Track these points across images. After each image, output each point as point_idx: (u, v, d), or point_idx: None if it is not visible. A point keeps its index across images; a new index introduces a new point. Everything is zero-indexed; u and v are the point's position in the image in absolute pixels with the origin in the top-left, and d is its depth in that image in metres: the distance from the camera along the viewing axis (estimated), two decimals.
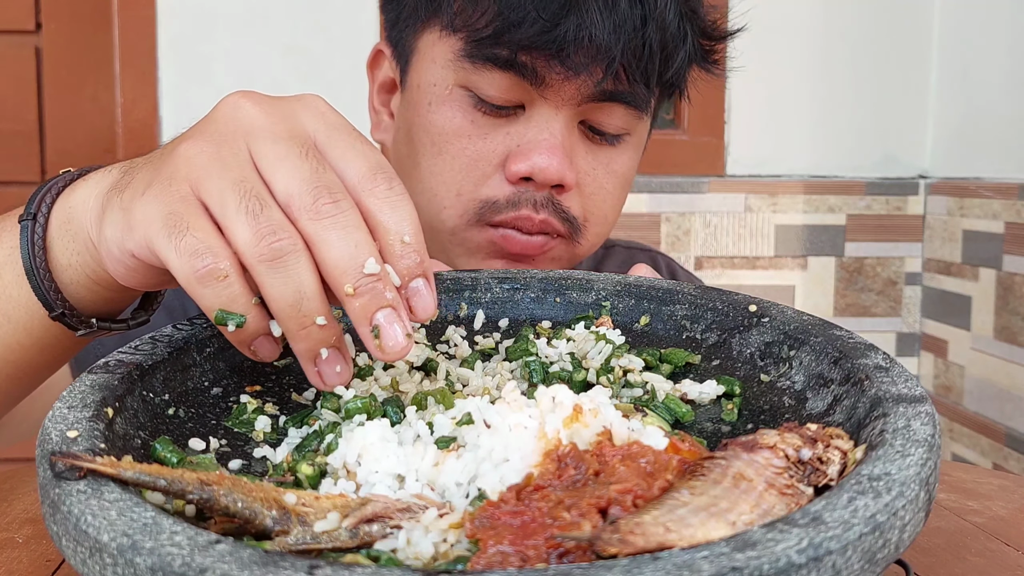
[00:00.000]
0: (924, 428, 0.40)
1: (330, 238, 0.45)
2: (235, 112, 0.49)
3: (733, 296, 0.60)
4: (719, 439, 0.50)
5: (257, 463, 0.47)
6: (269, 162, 0.47)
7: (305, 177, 0.46)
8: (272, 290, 0.45)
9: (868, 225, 2.11)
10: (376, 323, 0.46)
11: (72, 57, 1.91)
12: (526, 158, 0.78)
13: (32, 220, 0.57)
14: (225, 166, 0.47)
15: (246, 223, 0.45)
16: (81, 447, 0.39)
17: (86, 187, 0.56)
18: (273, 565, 0.30)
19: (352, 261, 0.45)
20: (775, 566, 0.30)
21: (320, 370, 0.48)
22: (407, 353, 0.46)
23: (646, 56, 0.77)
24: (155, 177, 0.48)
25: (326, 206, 0.46)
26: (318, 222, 0.45)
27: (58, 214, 0.57)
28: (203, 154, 0.47)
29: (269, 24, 1.90)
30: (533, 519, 0.36)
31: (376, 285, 0.45)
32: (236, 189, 0.46)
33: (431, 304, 0.48)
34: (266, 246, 0.45)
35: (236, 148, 0.48)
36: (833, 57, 2.08)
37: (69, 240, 0.56)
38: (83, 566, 0.34)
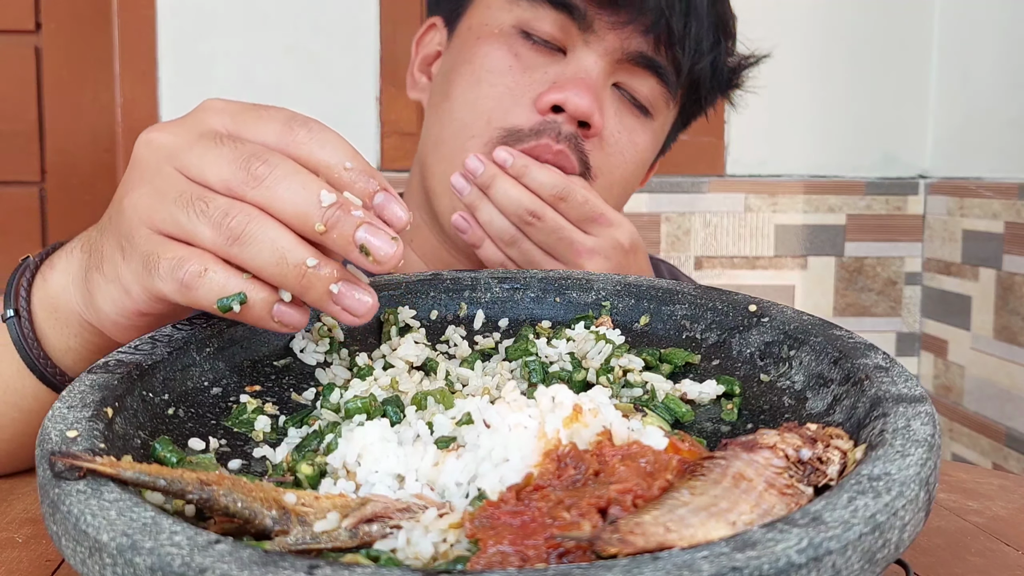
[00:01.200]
0: (924, 428, 0.40)
1: (278, 193, 0.47)
2: (148, 147, 0.52)
3: (733, 296, 0.60)
4: (719, 439, 0.50)
5: (257, 463, 0.47)
6: (195, 166, 0.49)
7: (228, 158, 0.48)
8: (254, 262, 0.47)
9: (868, 225, 2.11)
10: (360, 242, 0.47)
11: (72, 57, 1.91)
12: (560, 89, 0.82)
13: (16, 317, 0.60)
14: (163, 194, 0.49)
15: (201, 223, 0.47)
16: (81, 447, 0.39)
17: (57, 275, 0.60)
18: (273, 565, 0.30)
19: (307, 202, 0.47)
20: (775, 566, 0.30)
21: (343, 306, 0.48)
22: (401, 256, 0.47)
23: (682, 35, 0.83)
24: (119, 239, 0.52)
25: (259, 169, 0.47)
26: (260, 186, 0.47)
27: (40, 306, 0.60)
28: (143, 196, 0.50)
29: (269, 24, 1.90)
30: (533, 519, 0.36)
31: (340, 212, 0.47)
32: (180, 204, 0.48)
33: (401, 210, 0.49)
34: (225, 229, 0.47)
35: (164, 174, 0.50)
36: (833, 57, 2.08)
37: (62, 327, 0.60)
38: (83, 566, 0.34)
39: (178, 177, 0.49)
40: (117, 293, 0.53)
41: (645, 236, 2.04)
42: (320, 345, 0.58)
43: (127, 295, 0.52)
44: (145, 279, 0.49)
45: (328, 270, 0.47)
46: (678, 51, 0.85)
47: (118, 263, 0.52)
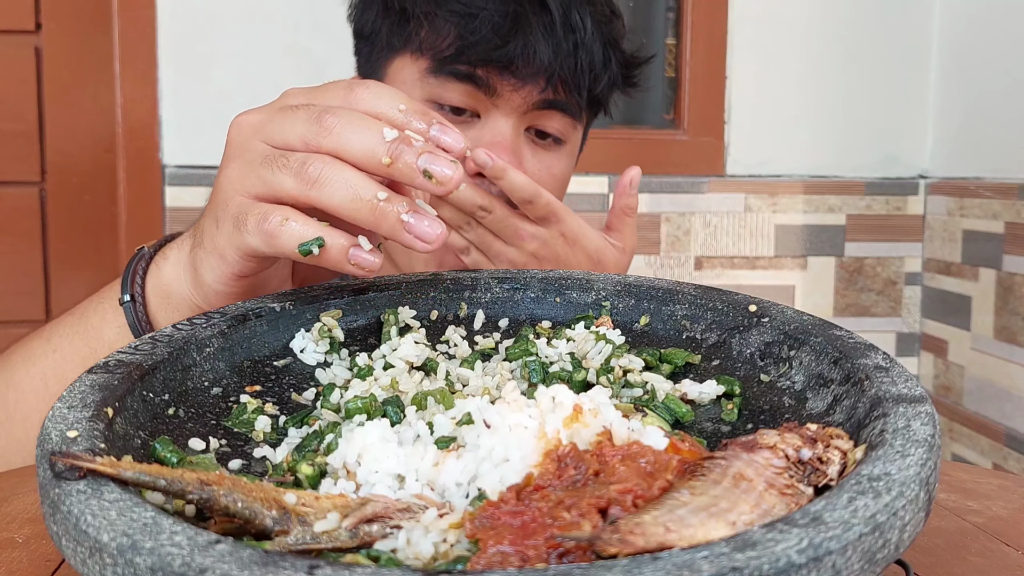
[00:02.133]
0: (924, 428, 0.40)
1: (345, 138, 0.53)
2: (238, 128, 0.59)
3: (733, 296, 0.60)
4: (719, 439, 0.50)
5: (257, 463, 0.47)
6: (277, 132, 0.56)
7: (302, 118, 0.55)
8: (331, 201, 0.53)
9: (868, 225, 2.11)
10: (423, 168, 0.52)
11: (72, 57, 1.91)
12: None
13: (132, 302, 0.67)
14: (251, 162, 0.56)
15: (283, 175, 0.54)
16: (81, 447, 0.39)
17: (169, 264, 0.67)
18: (273, 565, 0.30)
19: (372, 140, 0.53)
20: (775, 566, 0.30)
21: (416, 234, 0.53)
22: (462, 179, 0.53)
23: (578, 73, 0.93)
24: (215, 212, 0.59)
25: (328, 120, 0.54)
26: (330, 134, 0.54)
27: (154, 292, 0.67)
28: (234, 169, 0.57)
29: (269, 24, 1.90)
30: (533, 519, 0.36)
31: (402, 144, 0.53)
32: (265, 165, 0.55)
33: (457, 134, 0.55)
34: (304, 177, 0.53)
35: (251, 147, 0.57)
36: (833, 57, 2.08)
37: (172, 311, 0.66)
38: (83, 566, 0.34)
39: (263, 146, 0.57)
40: (216, 261, 0.59)
41: (645, 236, 2.04)
42: (320, 345, 0.58)
43: (223, 260, 0.58)
44: (236, 238, 0.56)
45: (398, 201, 0.53)
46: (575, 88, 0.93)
47: (214, 233, 0.58)
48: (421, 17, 0.91)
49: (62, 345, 0.73)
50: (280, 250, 0.54)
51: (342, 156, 0.53)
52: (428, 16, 0.91)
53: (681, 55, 2.07)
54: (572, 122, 0.97)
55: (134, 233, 1.87)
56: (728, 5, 2.04)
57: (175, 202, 1.87)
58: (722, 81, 2.06)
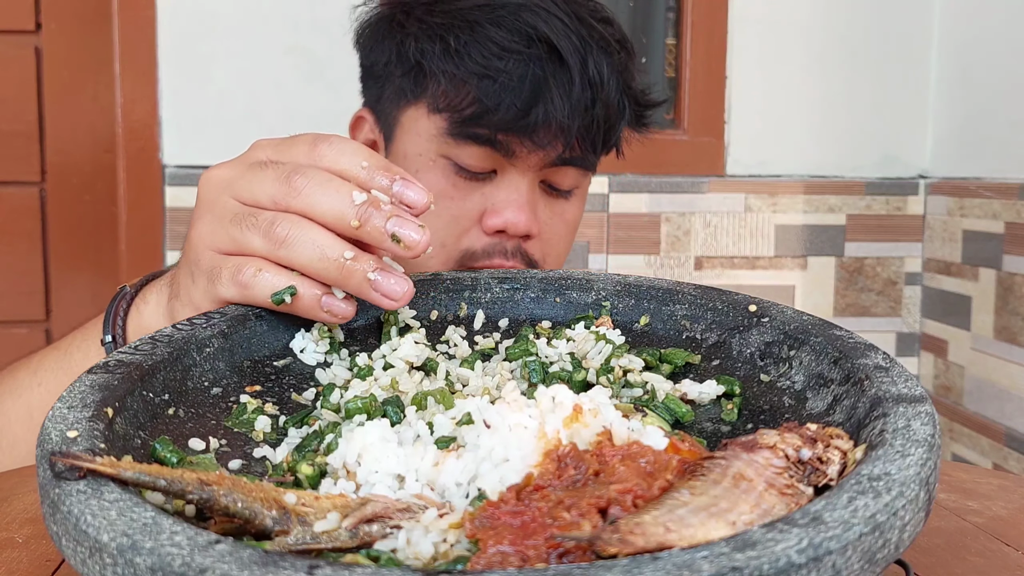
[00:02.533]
0: (924, 428, 0.40)
1: (315, 199, 0.54)
2: (208, 183, 0.61)
3: (733, 296, 0.60)
4: (719, 439, 0.50)
5: (257, 463, 0.47)
6: (246, 190, 0.58)
7: (272, 177, 0.56)
8: (299, 260, 0.54)
9: (868, 225, 2.11)
10: (391, 231, 0.53)
11: (72, 57, 1.91)
12: (500, 215, 0.91)
13: (113, 342, 0.69)
14: (221, 219, 0.58)
15: (253, 234, 0.56)
16: (81, 447, 0.39)
17: (149, 308, 0.69)
18: (273, 565, 0.30)
19: (341, 203, 0.54)
20: (775, 566, 0.30)
21: (382, 292, 0.54)
22: (428, 242, 0.54)
23: (595, 129, 0.92)
24: (189, 267, 0.61)
25: (298, 181, 0.55)
26: (299, 195, 0.55)
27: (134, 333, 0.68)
28: (205, 225, 0.59)
29: (269, 24, 1.90)
30: (533, 519, 0.36)
31: (371, 208, 0.54)
32: (235, 223, 0.57)
33: (419, 192, 0.56)
34: (271, 237, 0.55)
35: (221, 203, 0.59)
36: (833, 57, 2.08)
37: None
38: (83, 566, 0.34)
39: (233, 203, 0.58)
40: (192, 313, 0.60)
41: (645, 236, 2.04)
42: (320, 345, 0.58)
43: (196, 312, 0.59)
44: (211, 290, 0.58)
45: (365, 260, 0.54)
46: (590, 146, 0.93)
47: (189, 287, 0.61)
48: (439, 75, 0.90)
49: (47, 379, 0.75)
50: (253, 300, 0.56)
51: (311, 217, 0.55)
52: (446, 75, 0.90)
53: (681, 55, 2.07)
54: (585, 173, 0.98)
55: (134, 233, 1.86)
56: (728, 5, 2.04)
57: (175, 202, 1.87)
58: (722, 81, 2.06)
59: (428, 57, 0.91)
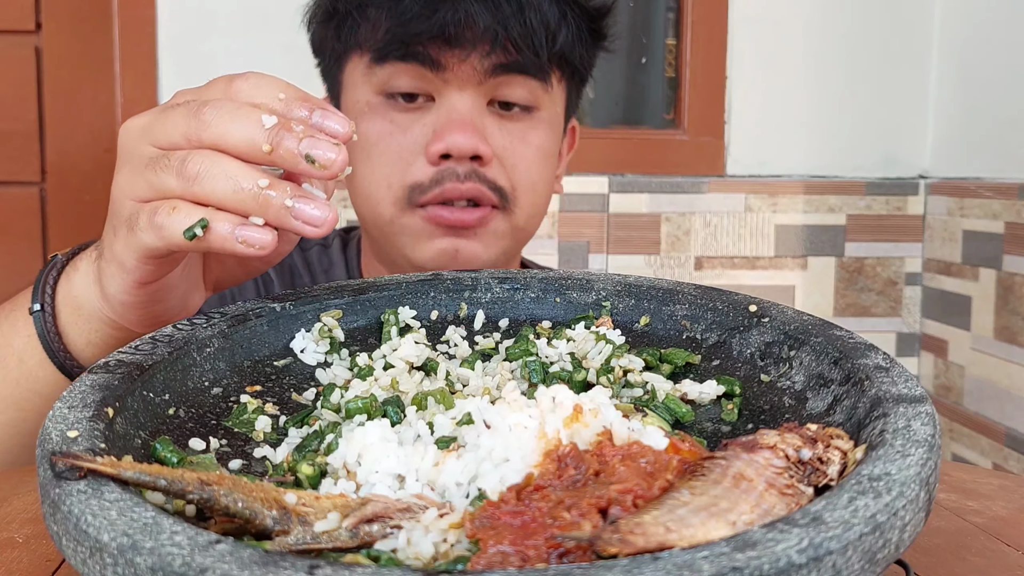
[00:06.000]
0: (924, 428, 0.40)
1: (223, 128, 0.52)
2: (126, 133, 0.58)
3: (733, 296, 0.60)
4: (719, 439, 0.50)
5: (257, 463, 0.47)
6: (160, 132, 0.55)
7: (182, 114, 0.54)
8: (214, 195, 0.52)
9: (868, 225, 2.11)
10: (304, 153, 0.51)
11: (72, 57, 1.91)
12: (440, 138, 0.87)
13: (41, 311, 0.66)
14: (136, 166, 0.56)
15: (165, 175, 0.53)
16: (81, 447, 0.39)
17: (79, 275, 0.66)
18: (273, 565, 0.30)
19: (251, 129, 0.52)
20: (775, 566, 0.30)
21: (303, 219, 0.51)
22: (346, 162, 0.51)
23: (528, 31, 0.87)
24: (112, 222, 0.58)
25: (206, 113, 0.53)
26: (208, 127, 0.53)
27: (64, 303, 0.66)
28: (123, 176, 0.57)
29: (269, 24, 1.90)
30: (533, 519, 0.36)
31: (282, 131, 0.52)
32: (149, 167, 0.54)
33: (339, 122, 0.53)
34: (184, 175, 0.52)
35: (139, 151, 0.56)
36: (833, 57, 2.08)
37: (84, 324, 0.65)
38: (83, 566, 0.34)
39: (150, 148, 0.55)
40: (116, 270, 0.58)
41: (645, 236, 2.04)
42: (320, 345, 0.58)
43: (123, 268, 0.57)
44: (131, 240, 0.55)
45: (281, 187, 0.51)
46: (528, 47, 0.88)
47: (112, 241, 0.58)
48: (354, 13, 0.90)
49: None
50: (170, 241, 0.53)
51: (222, 148, 0.52)
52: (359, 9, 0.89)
53: (681, 55, 2.07)
54: (540, 85, 0.92)
55: None
56: (728, 5, 2.04)
57: None
58: (722, 81, 2.06)
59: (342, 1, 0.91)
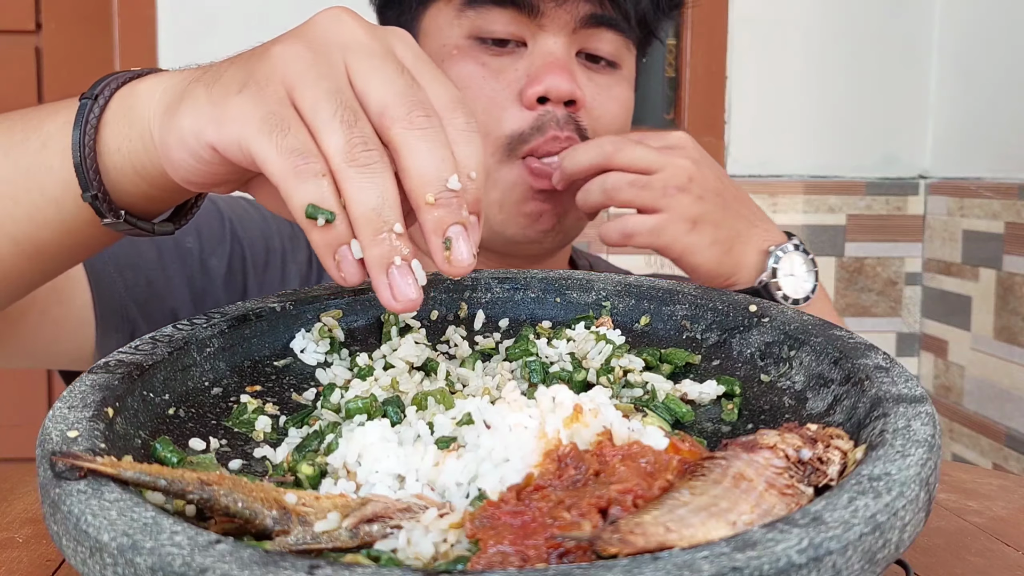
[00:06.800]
0: (924, 428, 0.40)
1: (419, 147, 0.48)
2: (334, 24, 0.51)
3: (733, 296, 0.60)
4: (719, 439, 0.50)
5: (257, 463, 0.47)
6: (365, 73, 0.49)
7: (400, 90, 0.48)
8: (357, 193, 0.47)
9: (868, 225, 2.11)
10: (448, 235, 0.48)
11: (72, 57, 1.91)
12: (538, 81, 0.86)
13: (92, 100, 0.58)
14: (321, 74, 0.48)
15: (339, 131, 0.47)
16: (81, 447, 0.39)
17: (157, 80, 0.57)
18: (273, 565, 0.30)
19: (438, 172, 0.48)
20: (775, 566, 0.30)
21: (392, 282, 0.47)
22: (470, 270, 0.48)
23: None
24: (249, 77, 0.49)
25: (419, 118, 0.48)
26: (410, 131, 0.48)
27: (120, 99, 0.58)
28: (300, 59, 0.49)
29: (269, 24, 1.89)
30: (533, 519, 0.36)
31: (455, 200, 0.48)
32: (331, 98, 0.48)
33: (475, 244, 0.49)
34: (358, 153, 0.47)
35: (332, 58, 0.49)
36: (833, 57, 2.08)
37: (125, 125, 0.57)
38: (83, 566, 0.34)
39: (343, 72, 0.49)
40: (208, 115, 0.50)
41: None
42: (320, 345, 0.58)
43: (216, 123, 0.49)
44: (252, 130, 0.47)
45: (402, 243, 0.47)
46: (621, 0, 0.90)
47: (231, 93, 0.49)
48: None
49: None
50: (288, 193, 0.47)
51: (399, 158, 0.48)
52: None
53: (681, 55, 2.07)
54: (625, 43, 0.93)
55: None
56: (728, 5, 2.04)
57: None
58: (722, 81, 2.06)
59: None
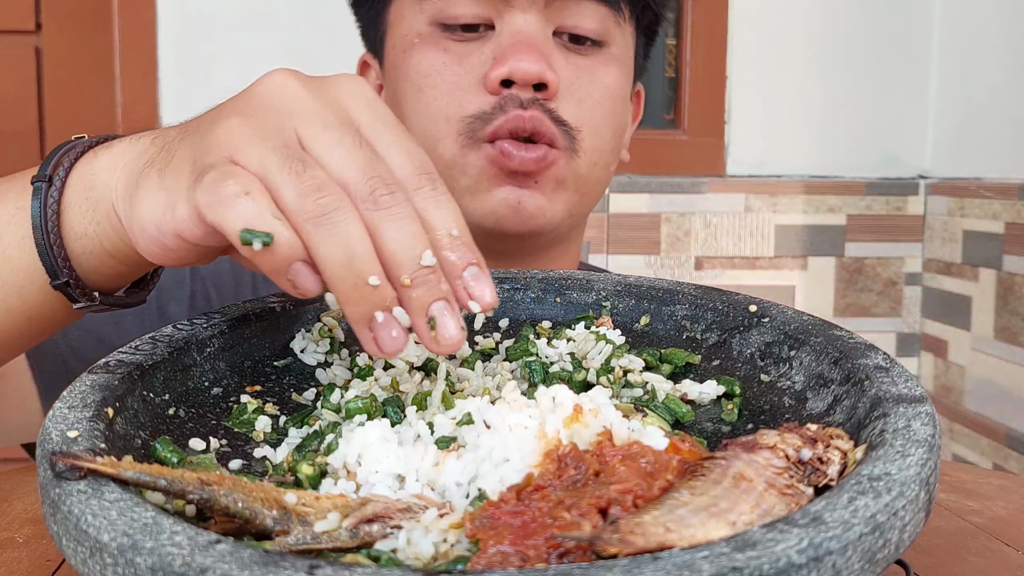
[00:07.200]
0: (924, 428, 0.40)
1: (387, 229, 0.44)
2: (280, 90, 0.48)
3: (733, 296, 0.60)
4: (719, 439, 0.50)
5: (257, 463, 0.47)
6: (320, 146, 0.45)
7: (361, 165, 0.45)
8: (321, 248, 0.43)
9: (868, 225, 2.11)
10: (431, 314, 0.45)
11: (72, 57, 1.91)
12: (502, 62, 0.78)
13: (47, 183, 0.54)
14: (265, 136, 0.45)
15: (289, 181, 0.43)
16: (81, 447, 0.39)
17: (111, 155, 0.54)
18: (273, 565, 0.30)
19: (410, 252, 0.44)
20: (775, 566, 0.30)
21: (376, 336, 0.45)
22: (461, 345, 0.46)
23: None
24: (194, 152, 0.47)
25: (383, 197, 0.44)
26: (375, 212, 0.44)
27: (78, 180, 0.54)
28: (242, 127, 0.46)
29: (269, 24, 1.90)
30: (533, 519, 0.36)
31: (432, 276, 0.45)
32: (278, 153, 0.44)
33: (490, 289, 0.47)
34: (312, 202, 0.43)
35: (280, 125, 0.46)
36: (833, 57, 2.08)
37: (88, 208, 0.54)
38: (83, 566, 0.34)
39: (292, 137, 0.46)
40: (163, 203, 0.47)
41: (645, 236, 2.04)
42: (320, 345, 0.58)
43: (171, 210, 0.47)
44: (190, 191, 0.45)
45: (382, 295, 0.44)
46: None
47: (182, 174, 0.47)
48: None
49: None
50: (221, 223, 0.43)
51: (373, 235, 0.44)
52: None
53: (681, 55, 2.07)
54: (611, 15, 0.81)
55: None
56: (728, 5, 2.04)
57: None
58: (722, 81, 2.06)
59: None
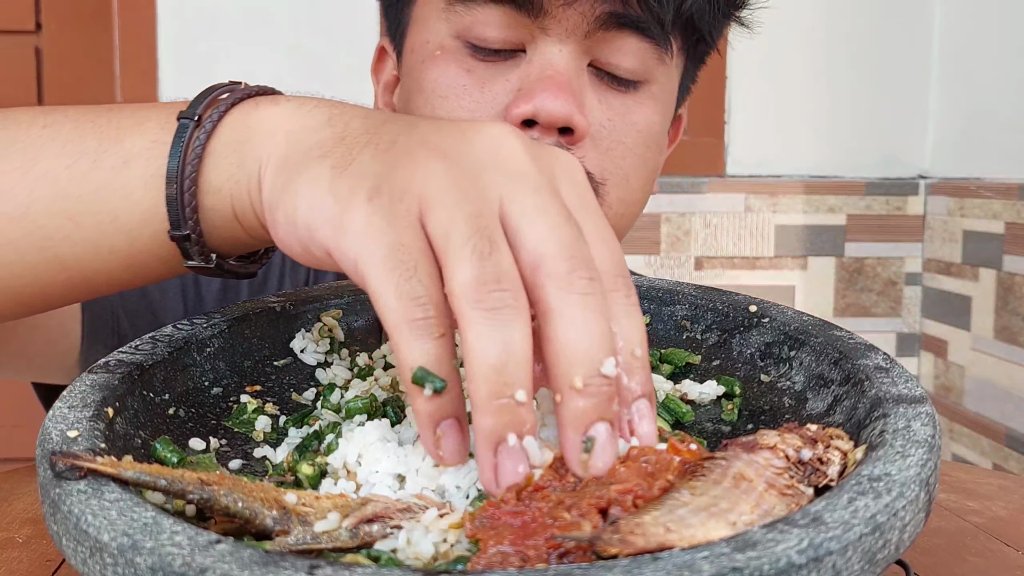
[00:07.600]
0: (924, 429, 0.40)
1: (574, 316, 0.38)
2: (499, 145, 0.42)
3: (733, 296, 0.60)
4: (719, 439, 0.50)
5: (257, 463, 0.47)
6: (525, 212, 0.40)
7: (564, 241, 0.39)
8: (477, 341, 0.37)
9: (868, 225, 2.11)
10: (592, 435, 0.38)
11: (72, 57, 1.91)
12: (527, 99, 0.68)
13: (195, 122, 0.47)
14: (465, 197, 0.39)
15: (470, 262, 0.38)
16: (81, 447, 0.39)
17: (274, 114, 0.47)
18: (273, 565, 0.30)
19: (591, 352, 0.38)
20: (775, 566, 0.30)
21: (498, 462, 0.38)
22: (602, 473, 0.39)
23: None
24: (385, 179, 0.41)
25: (581, 281, 0.38)
26: (567, 295, 0.38)
27: (230, 128, 0.48)
28: (446, 176, 0.40)
29: (269, 24, 1.90)
30: (533, 519, 0.36)
31: (607, 390, 0.38)
32: (468, 223, 0.38)
33: (653, 429, 0.41)
34: (486, 292, 0.37)
35: (484, 183, 0.40)
36: (834, 57, 2.08)
37: (234, 162, 0.47)
38: (83, 566, 0.34)
39: (492, 201, 0.40)
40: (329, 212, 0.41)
41: (645, 236, 2.04)
42: (320, 345, 0.58)
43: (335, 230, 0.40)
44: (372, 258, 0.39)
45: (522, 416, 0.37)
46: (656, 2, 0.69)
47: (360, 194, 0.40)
48: None
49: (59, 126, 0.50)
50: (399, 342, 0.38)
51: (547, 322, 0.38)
52: None
53: None
54: (654, 52, 0.72)
55: None
56: None
57: None
58: (722, 81, 2.06)
59: None
